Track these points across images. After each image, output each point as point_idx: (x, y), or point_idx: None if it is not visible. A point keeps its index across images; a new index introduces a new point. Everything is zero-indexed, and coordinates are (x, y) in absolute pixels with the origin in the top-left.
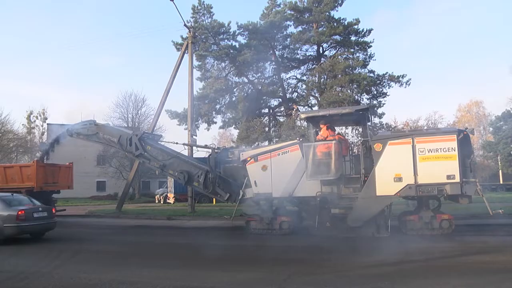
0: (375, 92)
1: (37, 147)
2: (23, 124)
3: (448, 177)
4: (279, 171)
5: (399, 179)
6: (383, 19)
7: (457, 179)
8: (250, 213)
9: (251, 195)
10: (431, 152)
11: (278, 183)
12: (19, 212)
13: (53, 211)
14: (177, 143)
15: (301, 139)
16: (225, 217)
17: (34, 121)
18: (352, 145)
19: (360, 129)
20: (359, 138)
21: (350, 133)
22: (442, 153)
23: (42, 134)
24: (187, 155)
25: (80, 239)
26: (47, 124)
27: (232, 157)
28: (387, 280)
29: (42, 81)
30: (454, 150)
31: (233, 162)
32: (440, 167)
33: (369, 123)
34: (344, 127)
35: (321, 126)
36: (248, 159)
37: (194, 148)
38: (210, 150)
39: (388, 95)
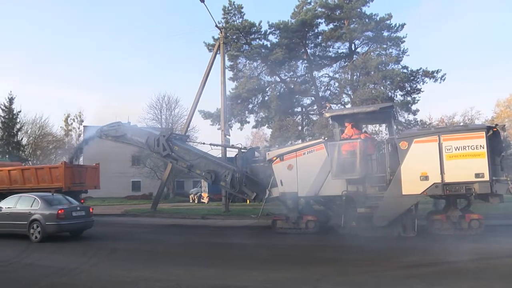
0: (408, 89)
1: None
2: (61, 127)
3: (477, 175)
4: (305, 170)
5: (425, 177)
6: (416, 13)
7: (486, 178)
8: (276, 212)
9: (277, 194)
10: (458, 149)
11: (303, 182)
12: (59, 211)
13: (91, 210)
14: (204, 143)
15: (326, 138)
16: (251, 216)
17: (71, 123)
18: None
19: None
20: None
21: (384, 131)
22: (470, 151)
23: (79, 136)
24: (220, 155)
25: (116, 238)
26: (83, 126)
27: (258, 156)
28: (424, 281)
29: (79, 84)
30: (483, 148)
31: (259, 161)
32: (468, 165)
33: (395, 121)
34: (378, 125)
35: (346, 124)
36: (274, 158)
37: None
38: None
39: (422, 91)
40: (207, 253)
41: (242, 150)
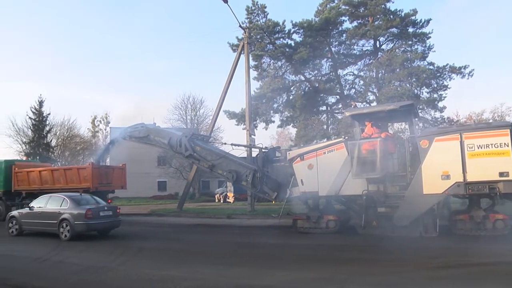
0: (435, 85)
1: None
2: (88, 128)
3: (501, 174)
4: (325, 170)
5: (446, 176)
6: (442, 7)
7: (511, 177)
8: (297, 212)
9: (298, 194)
10: (481, 148)
11: (324, 182)
12: (87, 211)
13: (118, 210)
14: (225, 143)
15: (346, 137)
16: (272, 216)
17: (98, 125)
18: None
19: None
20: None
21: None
22: (493, 149)
23: (106, 137)
24: (242, 155)
25: (143, 237)
26: (110, 127)
27: (279, 156)
28: (454, 283)
29: (106, 86)
30: (507, 146)
31: (280, 161)
32: (491, 163)
33: (416, 119)
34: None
35: (366, 123)
36: (295, 158)
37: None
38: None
39: (449, 88)
40: (232, 252)
41: (263, 150)
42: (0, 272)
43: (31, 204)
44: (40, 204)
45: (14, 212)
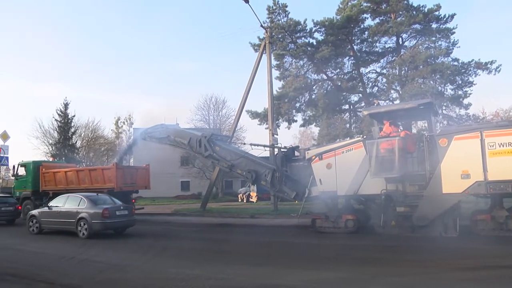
0: (460, 82)
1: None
2: (112, 130)
3: None
4: (344, 169)
5: (466, 175)
6: (467, 1)
7: None
8: (316, 211)
9: (317, 193)
10: (503, 146)
11: (342, 181)
12: (104, 210)
13: (133, 211)
14: (244, 143)
15: (365, 136)
16: (291, 215)
17: (121, 126)
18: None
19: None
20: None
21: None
22: None
23: (129, 138)
24: (261, 154)
25: (167, 236)
26: (133, 128)
27: (298, 155)
28: (481, 286)
29: (128, 88)
30: None
31: (299, 160)
32: None
33: (435, 118)
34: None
35: (384, 122)
36: (313, 157)
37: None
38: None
39: (474, 84)
40: (256, 252)
41: (282, 150)
42: (30, 269)
43: (50, 204)
44: (58, 203)
45: (34, 212)
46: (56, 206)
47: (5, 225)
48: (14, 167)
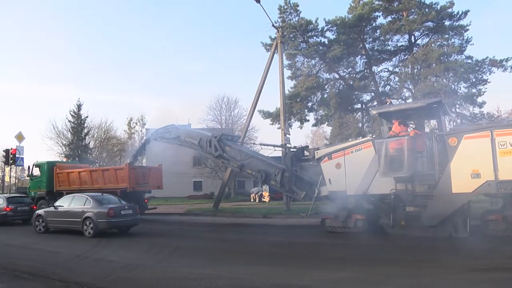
0: (473, 80)
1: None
2: (124, 130)
3: None
4: (353, 169)
5: (476, 175)
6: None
7: None
8: (325, 211)
9: (326, 193)
10: None
11: (352, 181)
12: (109, 209)
13: (137, 211)
14: (254, 143)
15: (374, 136)
16: (301, 215)
17: (134, 126)
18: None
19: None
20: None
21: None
22: None
23: (141, 138)
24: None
25: (179, 236)
26: (146, 129)
27: (307, 155)
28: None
29: (141, 89)
30: None
31: (308, 160)
32: None
33: (444, 117)
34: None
35: (393, 121)
36: (323, 157)
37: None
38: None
39: (489, 82)
40: (268, 251)
41: (292, 150)
42: (45, 267)
43: (56, 204)
44: (64, 203)
45: (40, 211)
46: (61, 206)
47: (21, 224)
48: (29, 167)
